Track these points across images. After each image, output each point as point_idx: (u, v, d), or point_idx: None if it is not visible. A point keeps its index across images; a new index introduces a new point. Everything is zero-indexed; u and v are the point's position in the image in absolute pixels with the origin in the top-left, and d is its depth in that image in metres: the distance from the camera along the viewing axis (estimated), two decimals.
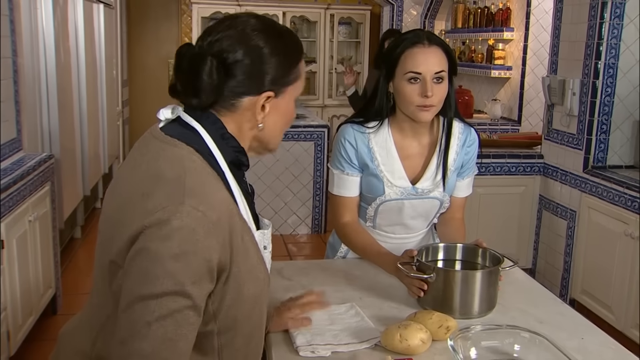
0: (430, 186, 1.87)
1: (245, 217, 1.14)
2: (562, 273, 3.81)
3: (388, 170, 1.84)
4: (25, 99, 3.61)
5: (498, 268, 1.62)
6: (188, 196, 1.01)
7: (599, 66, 3.47)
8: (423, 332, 1.40)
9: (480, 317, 1.60)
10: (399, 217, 1.92)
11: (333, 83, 8.05)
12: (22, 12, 3.59)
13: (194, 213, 1.00)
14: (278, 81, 1.15)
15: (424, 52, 1.72)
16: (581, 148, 3.63)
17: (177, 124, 1.15)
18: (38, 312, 3.23)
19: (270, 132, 1.20)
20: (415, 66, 1.71)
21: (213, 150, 1.12)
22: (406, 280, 1.65)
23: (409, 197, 1.86)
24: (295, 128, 5.18)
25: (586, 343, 1.49)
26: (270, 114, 1.17)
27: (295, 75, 1.18)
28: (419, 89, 1.72)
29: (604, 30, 3.43)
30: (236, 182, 1.15)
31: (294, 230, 5.29)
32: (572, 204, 3.71)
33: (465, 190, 1.99)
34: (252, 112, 1.15)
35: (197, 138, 1.12)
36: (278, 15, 7.71)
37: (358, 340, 1.44)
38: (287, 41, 1.17)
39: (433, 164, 1.87)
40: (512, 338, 1.39)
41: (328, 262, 2.06)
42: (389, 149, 1.85)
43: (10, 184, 2.89)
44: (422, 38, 1.73)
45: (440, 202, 1.92)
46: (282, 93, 1.17)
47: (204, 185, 1.05)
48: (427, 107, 1.73)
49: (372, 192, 1.87)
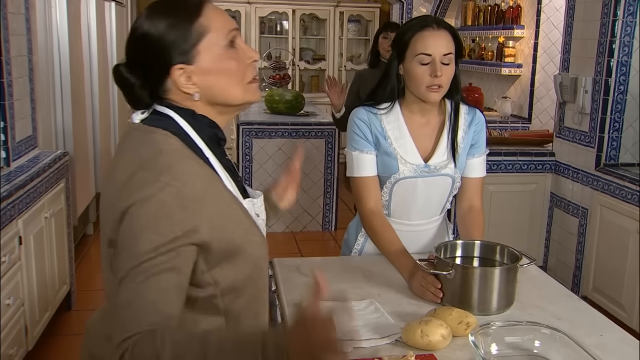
0: (442, 162, 1.92)
1: (231, 189, 1.22)
2: (574, 270, 3.81)
3: (401, 147, 1.90)
4: (39, 97, 3.64)
5: (516, 265, 1.63)
6: (163, 174, 1.09)
7: (612, 64, 3.47)
8: (444, 328, 1.42)
9: (499, 313, 1.61)
10: (412, 199, 1.95)
11: (342, 80, 8.05)
12: (37, 11, 3.62)
13: (168, 189, 1.08)
14: (179, 51, 1.16)
15: (433, 35, 1.80)
16: (593, 146, 3.63)
17: (153, 117, 1.22)
18: (54, 308, 3.27)
19: (213, 94, 1.21)
20: (426, 48, 1.79)
21: (189, 132, 1.20)
22: (419, 290, 1.69)
23: (422, 175, 1.91)
24: (306, 126, 5.20)
25: (605, 340, 1.50)
26: (200, 80, 1.18)
27: (197, 33, 1.16)
28: (429, 70, 1.79)
29: (616, 28, 3.43)
30: (217, 159, 1.22)
31: (304, 228, 5.31)
32: (583, 201, 3.72)
33: (478, 170, 2.01)
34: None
35: (173, 122, 1.20)
36: (288, 13, 7.73)
37: (379, 335, 1.46)
38: (170, 9, 1.18)
39: (443, 141, 1.93)
40: (533, 334, 1.40)
41: (345, 259, 2.08)
42: (400, 127, 1.91)
43: (27, 181, 2.92)
44: (431, 22, 1.82)
45: (452, 179, 1.95)
46: (194, 57, 1.17)
47: (178, 164, 1.12)
48: (436, 88, 1.81)
49: (387, 171, 1.92)
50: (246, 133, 5.09)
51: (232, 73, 1.20)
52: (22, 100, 3.30)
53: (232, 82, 1.21)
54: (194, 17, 1.17)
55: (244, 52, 1.22)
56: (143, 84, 1.19)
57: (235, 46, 1.21)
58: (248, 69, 1.22)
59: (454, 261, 1.73)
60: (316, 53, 8.15)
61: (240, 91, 1.22)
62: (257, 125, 5.12)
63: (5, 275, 2.61)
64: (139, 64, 1.19)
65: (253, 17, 7.63)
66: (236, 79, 1.21)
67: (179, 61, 1.17)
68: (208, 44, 1.17)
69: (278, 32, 7.98)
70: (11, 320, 2.67)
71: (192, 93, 1.19)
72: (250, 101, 1.25)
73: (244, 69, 1.22)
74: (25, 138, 3.35)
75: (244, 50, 1.22)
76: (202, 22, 1.17)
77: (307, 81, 8.21)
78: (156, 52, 1.17)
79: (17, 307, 2.76)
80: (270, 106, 5.53)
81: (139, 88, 1.20)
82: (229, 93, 1.21)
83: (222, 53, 1.19)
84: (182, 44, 1.16)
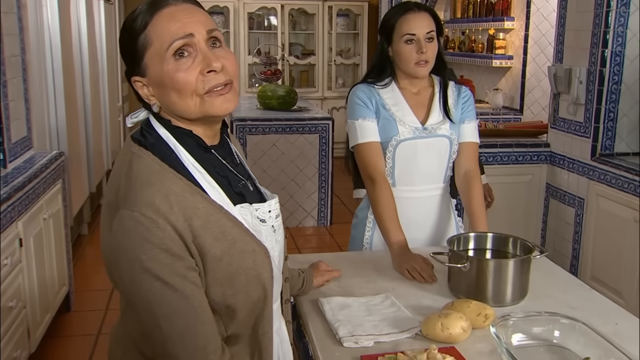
0: (437, 123, 2.07)
1: (215, 197, 1.16)
2: (571, 260, 3.85)
3: (399, 112, 2.07)
4: (33, 97, 3.60)
5: (530, 257, 1.64)
6: (122, 202, 1.09)
7: (606, 54, 3.49)
8: (464, 320, 1.42)
9: (514, 304, 1.63)
10: (414, 161, 2.06)
11: (332, 75, 8.05)
12: (28, 10, 3.58)
13: (132, 215, 1.07)
14: (132, 63, 1.16)
15: (415, 17, 2.01)
16: (588, 136, 3.66)
17: (143, 124, 1.21)
18: (54, 309, 3.25)
19: (168, 106, 1.17)
20: (410, 28, 2.00)
21: (170, 144, 1.16)
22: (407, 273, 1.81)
23: (421, 136, 2.05)
24: (299, 121, 5.19)
25: (620, 328, 1.52)
26: (156, 92, 1.17)
27: (141, 46, 1.13)
28: (416, 47, 2.00)
29: (610, 19, 3.45)
30: (205, 166, 1.17)
31: (300, 223, 5.31)
32: (580, 191, 3.75)
33: (472, 135, 2.15)
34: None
35: (154, 132, 1.18)
36: (276, 8, 7.70)
37: (398, 329, 1.47)
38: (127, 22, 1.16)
39: (436, 105, 2.10)
40: (552, 324, 1.41)
41: (355, 254, 2.08)
42: (397, 97, 2.10)
43: (26, 182, 2.90)
44: (412, 6, 2.04)
45: (450, 140, 2.08)
46: (145, 69, 1.15)
47: (137, 187, 1.09)
48: (423, 63, 2.01)
49: (387, 135, 2.05)
50: (240, 129, 5.07)
51: (178, 86, 1.12)
52: (16, 101, 3.26)
53: (182, 96, 1.13)
54: (144, 26, 1.13)
55: (202, 61, 1.12)
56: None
57: (190, 55, 1.12)
58: (203, 80, 1.12)
59: (467, 253, 1.74)
60: (305, 48, 8.13)
61: (193, 104, 1.13)
62: (251, 121, 5.11)
63: (7, 277, 2.59)
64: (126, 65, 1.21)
65: (242, 12, 7.60)
66: (185, 92, 1.12)
67: (136, 73, 1.17)
68: (151, 56, 1.13)
69: (267, 28, 7.95)
70: (14, 322, 2.65)
71: (151, 104, 1.18)
72: (210, 114, 1.14)
73: (194, 81, 1.12)
74: (21, 139, 3.32)
75: (202, 60, 1.12)
76: (148, 32, 1.12)
77: (297, 76, 8.19)
78: (124, 59, 1.19)
79: (20, 310, 2.74)
80: (263, 102, 5.52)
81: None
82: (181, 106, 1.14)
83: (165, 65, 1.12)
84: (134, 55, 1.15)
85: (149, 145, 1.16)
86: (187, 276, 1.08)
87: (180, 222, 1.08)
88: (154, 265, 1.06)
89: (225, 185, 1.19)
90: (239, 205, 1.19)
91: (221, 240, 1.13)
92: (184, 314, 1.08)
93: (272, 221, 1.25)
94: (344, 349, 1.40)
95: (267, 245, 1.22)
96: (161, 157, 1.14)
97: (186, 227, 1.09)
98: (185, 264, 1.08)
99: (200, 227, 1.10)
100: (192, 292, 1.09)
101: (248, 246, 1.17)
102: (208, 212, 1.13)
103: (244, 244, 1.16)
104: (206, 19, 1.16)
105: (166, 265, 1.06)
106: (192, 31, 1.12)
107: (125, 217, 1.07)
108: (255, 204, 1.23)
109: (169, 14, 1.12)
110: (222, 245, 1.13)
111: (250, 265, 1.17)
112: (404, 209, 2.05)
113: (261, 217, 1.23)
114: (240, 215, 1.19)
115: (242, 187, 1.23)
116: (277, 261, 1.27)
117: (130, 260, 1.07)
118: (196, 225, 1.10)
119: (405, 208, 2.05)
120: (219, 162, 1.21)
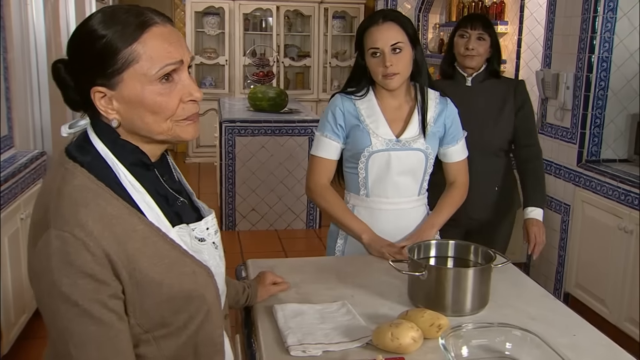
0: (412, 137, 2.02)
1: (153, 219, 1.11)
2: (557, 267, 3.81)
3: (373, 123, 2.02)
4: (16, 96, 3.58)
5: (490, 265, 1.61)
6: (53, 220, 1.03)
7: (593, 60, 3.46)
8: (414, 330, 1.39)
9: (473, 314, 1.59)
10: (387, 172, 2.02)
11: (327, 77, 8.03)
12: (12, 8, 3.56)
13: (62, 235, 1.02)
14: (101, 73, 1.07)
15: (379, 30, 1.95)
16: (575, 142, 3.63)
17: (80, 137, 1.14)
18: (31, 311, 3.22)
19: (136, 125, 1.10)
20: (374, 42, 1.96)
21: (109, 161, 1.10)
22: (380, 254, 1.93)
23: (394, 148, 2.01)
24: (289, 123, 5.16)
25: (578, 340, 1.49)
26: (122, 107, 1.09)
27: (122, 61, 1.05)
28: (381, 61, 1.95)
29: (597, 24, 3.42)
30: (141, 185, 1.12)
31: (288, 226, 5.28)
32: (566, 198, 3.71)
33: (461, 154, 2.14)
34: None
35: (92, 148, 1.11)
36: (272, 10, 7.68)
37: (349, 339, 1.44)
38: (112, 24, 1.06)
39: (414, 119, 2.05)
40: (504, 336, 1.38)
41: (321, 260, 2.05)
42: (373, 107, 2.05)
43: (2, 182, 2.87)
44: (378, 17, 1.98)
45: (425, 155, 2.03)
46: (117, 84, 1.07)
47: (70, 206, 1.04)
48: (391, 75, 1.95)
49: (360, 145, 2.02)
50: (229, 131, 5.05)
51: (158, 109, 1.08)
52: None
53: (157, 119, 1.09)
54: (130, 40, 1.05)
55: (184, 88, 1.10)
56: (76, 88, 1.10)
57: (173, 80, 1.09)
58: (183, 107, 1.11)
59: (428, 262, 1.71)
60: (301, 50, 8.11)
61: (166, 128, 1.11)
62: (240, 122, 5.08)
63: None
64: (76, 67, 1.10)
65: (237, 13, 7.58)
66: (162, 116, 1.09)
67: (100, 83, 1.07)
68: (134, 73, 1.06)
69: (262, 29, 7.93)
70: None
71: (110, 119, 1.10)
72: (181, 139, 1.13)
73: (175, 107, 1.10)
74: (1, 138, 3.30)
75: (184, 87, 1.10)
76: (135, 48, 1.05)
77: (292, 78, 8.17)
78: (85, 64, 1.08)
79: None
80: (254, 103, 5.49)
81: (72, 92, 1.11)
82: (152, 128, 1.10)
83: (149, 86, 1.07)
84: (107, 66, 1.06)
85: (85, 163, 1.09)
86: (108, 304, 1.03)
87: (113, 247, 1.03)
88: (74, 291, 1.01)
89: (163, 205, 1.15)
90: (177, 227, 1.15)
91: (158, 264, 1.09)
92: (98, 344, 1.03)
93: (211, 238, 1.21)
94: (290, 358, 1.37)
95: (211, 264, 1.19)
96: (97, 175, 1.08)
97: (120, 252, 1.04)
98: (109, 291, 1.03)
99: (137, 251, 1.06)
100: (111, 320, 1.03)
101: (187, 268, 1.13)
102: (145, 234, 1.08)
103: (182, 266, 1.12)
104: (185, 44, 1.14)
105: (88, 290, 1.01)
106: (182, 57, 1.10)
107: (53, 237, 1.01)
108: (192, 224, 1.18)
109: (161, 35, 1.08)
110: (160, 269, 1.09)
111: (192, 287, 1.13)
112: (377, 220, 2.04)
113: (199, 237, 1.19)
114: (178, 237, 1.14)
115: (180, 206, 1.19)
116: (221, 278, 1.24)
117: (49, 283, 1.02)
118: (132, 249, 1.06)
119: (378, 220, 2.04)
120: (158, 181, 1.17)
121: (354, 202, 2.09)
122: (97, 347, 1.03)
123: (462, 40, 2.57)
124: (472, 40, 2.52)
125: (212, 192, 5.97)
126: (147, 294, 1.07)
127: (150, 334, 1.10)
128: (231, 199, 5.16)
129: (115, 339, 1.04)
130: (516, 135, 2.61)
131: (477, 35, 2.52)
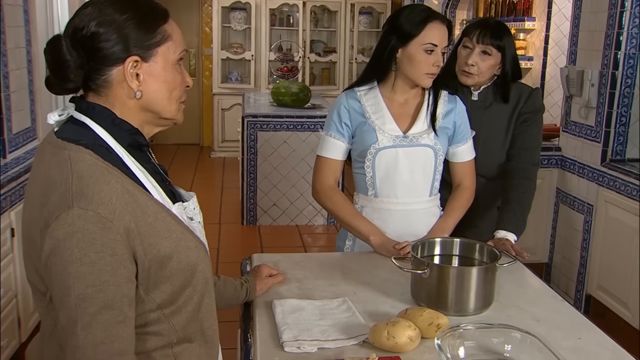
0: (420, 132, 1.97)
1: (157, 196, 1.15)
2: (579, 268, 3.73)
3: (379, 119, 1.97)
4: (40, 88, 3.64)
5: (494, 264, 1.57)
6: (76, 199, 1.03)
7: (619, 56, 3.37)
8: (411, 329, 1.37)
9: (476, 314, 1.56)
10: (395, 171, 1.97)
11: (353, 73, 7.99)
12: (37, 2, 3.61)
13: (85, 214, 1.02)
14: (140, 44, 1.13)
15: (440, 28, 1.90)
16: (599, 141, 3.54)
17: (70, 124, 1.15)
18: None
19: (154, 99, 1.17)
20: (434, 39, 1.88)
21: (107, 140, 1.13)
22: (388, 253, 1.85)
23: (402, 145, 1.96)
24: (311, 118, 5.15)
25: (583, 343, 1.45)
26: (147, 81, 1.15)
27: (161, 36, 1.15)
28: (434, 59, 1.89)
29: (624, 20, 3.33)
30: (140, 165, 1.16)
31: (309, 221, 5.28)
32: (589, 197, 3.63)
33: (469, 154, 2.08)
34: (126, 83, 1.14)
35: (89, 132, 1.12)
36: (298, 5, 7.67)
37: (346, 336, 1.42)
38: (140, 5, 1.15)
39: (422, 114, 1.99)
40: (504, 337, 1.35)
41: (325, 256, 2.04)
42: (378, 104, 1.99)
43: (22, 172, 2.92)
44: (439, 16, 1.93)
45: (434, 151, 1.98)
46: (151, 56, 1.15)
47: (92, 184, 1.05)
48: (433, 75, 1.92)
49: (366, 142, 1.97)
50: (251, 126, 5.05)
51: (175, 87, 1.19)
52: (19, 92, 3.30)
53: (172, 96, 1.20)
54: (162, 20, 1.17)
55: (184, 75, 1.22)
56: (82, 64, 1.11)
57: (179, 66, 1.21)
58: (183, 92, 1.23)
59: (432, 260, 1.68)
60: (327, 45, 8.08)
61: (175, 108, 1.21)
62: (262, 117, 5.09)
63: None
64: (88, 43, 1.11)
65: (263, 8, 7.59)
66: (175, 94, 1.20)
67: (136, 53, 1.13)
68: (166, 50, 1.16)
69: (289, 24, 7.93)
70: (3, 312, 2.67)
71: (135, 90, 1.14)
72: (178, 121, 1.24)
73: (182, 89, 1.22)
74: (23, 130, 3.35)
75: (184, 74, 1.22)
76: (166, 28, 1.17)
77: (318, 74, 8.15)
78: (117, 38, 1.11)
79: (9, 299, 2.76)
80: (277, 98, 5.49)
81: (75, 68, 1.10)
82: (166, 104, 1.19)
83: (173, 64, 1.19)
84: (147, 38, 1.14)
85: (88, 145, 1.10)
86: (122, 287, 1.05)
87: (132, 222, 1.07)
88: (92, 270, 1.02)
89: (160, 184, 1.20)
90: (177, 204, 1.21)
91: (168, 238, 1.12)
92: (106, 327, 1.04)
93: (198, 218, 1.26)
94: (284, 353, 1.36)
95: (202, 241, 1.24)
96: (102, 156, 1.11)
97: (139, 227, 1.07)
98: (125, 273, 1.06)
99: (150, 226, 1.09)
100: (122, 305, 1.05)
101: (191, 243, 1.18)
102: (155, 210, 1.13)
103: (187, 241, 1.17)
104: None
105: (105, 272, 1.03)
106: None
107: (76, 216, 1.02)
108: (184, 203, 1.24)
109: (176, 25, 1.20)
110: (170, 243, 1.12)
111: (196, 261, 1.17)
112: (387, 222, 1.98)
113: (189, 215, 1.23)
114: (178, 213, 1.20)
115: (169, 185, 1.24)
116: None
117: (67, 261, 1.02)
118: (147, 224, 1.09)
119: (388, 221, 1.98)
120: (152, 162, 1.22)
121: (362, 203, 2.03)
122: (104, 330, 1.04)
123: (464, 51, 2.17)
124: (474, 54, 2.14)
125: (235, 186, 6.00)
126: (160, 268, 1.11)
127: (161, 311, 1.13)
128: (252, 193, 5.17)
129: (121, 324, 1.06)
130: (510, 149, 2.25)
131: (482, 48, 2.13)
